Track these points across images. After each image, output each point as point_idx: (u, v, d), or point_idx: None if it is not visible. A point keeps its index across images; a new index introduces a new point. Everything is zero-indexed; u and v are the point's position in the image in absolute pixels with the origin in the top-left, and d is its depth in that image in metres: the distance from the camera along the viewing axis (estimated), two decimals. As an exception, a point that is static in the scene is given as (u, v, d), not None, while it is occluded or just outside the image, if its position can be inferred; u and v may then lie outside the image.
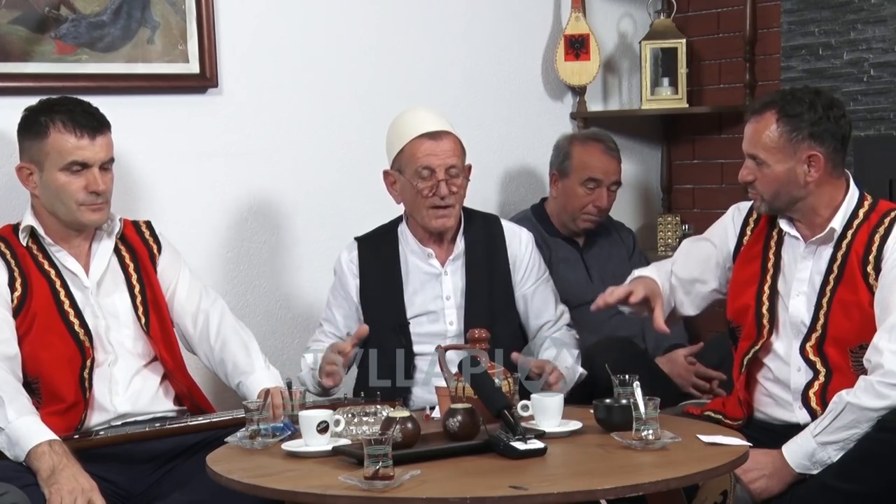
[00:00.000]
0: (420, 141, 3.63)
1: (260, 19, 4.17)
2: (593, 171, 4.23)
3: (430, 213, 3.64)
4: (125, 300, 3.41)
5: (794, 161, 3.25)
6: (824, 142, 3.25)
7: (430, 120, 3.68)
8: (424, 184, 3.62)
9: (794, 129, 3.24)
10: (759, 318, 3.38)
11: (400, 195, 3.72)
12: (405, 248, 3.76)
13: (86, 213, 3.32)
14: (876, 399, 3.08)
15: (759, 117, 3.28)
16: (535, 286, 3.82)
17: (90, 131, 3.30)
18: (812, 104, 3.25)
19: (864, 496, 3.06)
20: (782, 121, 3.24)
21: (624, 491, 2.62)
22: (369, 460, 2.57)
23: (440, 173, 3.62)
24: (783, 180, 3.27)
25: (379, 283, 3.73)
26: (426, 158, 3.62)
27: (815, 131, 3.23)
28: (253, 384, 3.40)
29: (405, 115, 3.74)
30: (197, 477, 3.01)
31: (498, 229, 3.82)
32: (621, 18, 4.90)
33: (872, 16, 4.21)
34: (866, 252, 3.26)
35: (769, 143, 3.26)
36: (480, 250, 3.76)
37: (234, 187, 4.14)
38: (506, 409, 2.85)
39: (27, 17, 3.74)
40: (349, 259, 3.77)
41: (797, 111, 3.24)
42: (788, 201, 3.30)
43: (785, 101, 3.27)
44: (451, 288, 3.73)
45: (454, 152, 3.65)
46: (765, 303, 3.38)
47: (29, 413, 3.13)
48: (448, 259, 3.74)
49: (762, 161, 3.27)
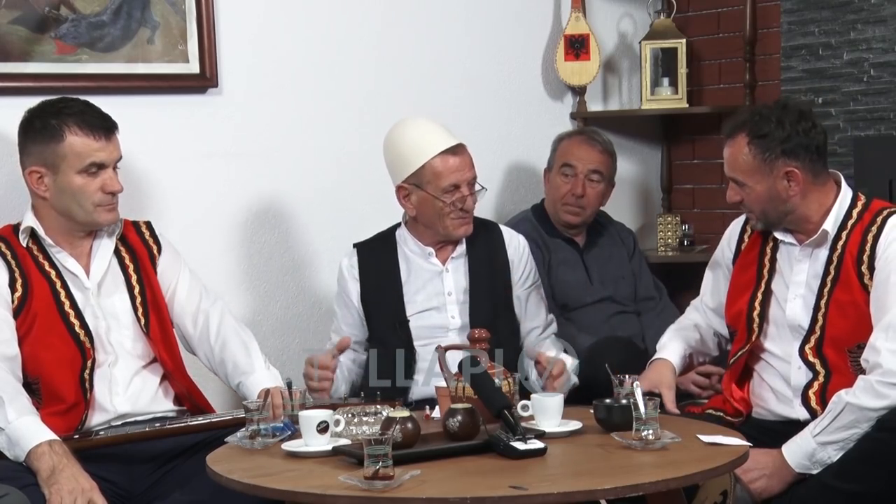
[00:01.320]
0: (444, 158, 3.67)
1: (260, 19, 4.17)
2: (568, 157, 4.27)
3: (454, 223, 3.70)
4: (125, 301, 3.41)
5: (773, 178, 3.27)
6: (798, 156, 3.26)
7: (442, 134, 3.72)
8: (451, 197, 3.67)
9: (766, 150, 3.26)
10: (749, 322, 3.41)
11: (416, 208, 3.73)
12: (405, 249, 3.79)
13: (102, 214, 3.33)
14: (875, 399, 3.08)
15: (732, 141, 3.31)
16: (529, 290, 3.86)
17: (105, 132, 3.31)
18: (779, 121, 3.26)
19: (863, 496, 3.07)
20: (753, 143, 3.27)
21: (624, 491, 2.62)
22: (369, 460, 2.57)
23: (465, 188, 3.69)
24: (767, 198, 3.29)
25: (380, 283, 3.76)
26: (453, 176, 3.67)
27: (786, 148, 3.25)
28: (253, 384, 3.40)
29: (413, 130, 3.74)
30: (197, 477, 3.01)
31: (497, 232, 3.87)
32: (621, 18, 4.90)
33: (872, 16, 4.21)
34: (860, 252, 3.26)
35: (745, 167, 3.29)
36: (481, 250, 3.78)
37: (233, 187, 4.13)
38: (506, 409, 2.85)
39: (27, 17, 3.74)
40: (349, 265, 3.80)
41: (765, 131, 3.25)
42: (779, 215, 3.33)
43: (753, 123, 3.28)
44: (453, 285, 3.75)
45: (472, 164, 3.73)
46: (756, 307, 3.40)
47: (29, 413, 3.12)
48: (449, 257, 3.76)
49: (742, 183, 3.30)
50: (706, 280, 3.68)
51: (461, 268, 3.77)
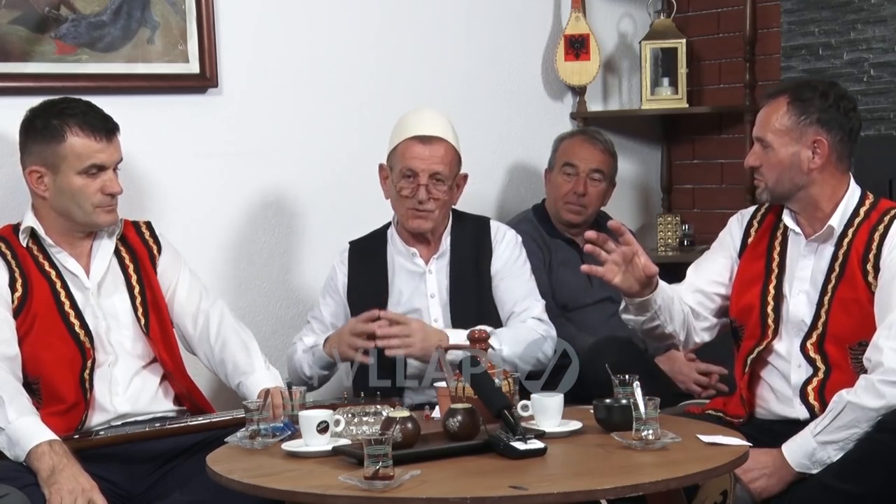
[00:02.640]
0: (411, 142, 3.69)
1: (260, 19, 4.17)
2: (569, 157, 4.27)
3: (407, 213, 3.71)
4: (125, 301, 3.41)
5: (800, 145, 3.28)
6: (831, 129, 3.28)
7: (429, 123, 3.72)
8: (406, 184, 3.68)
9: (803, 113, 3.28)
10: (763, 318, 3.38)
11: (387, 192, 3.79)
12: (392, 250, 3.81)
13: (101, 215, 3.33)
14: (876, 398, 3.08)
15: (773, 101, 3.33)
16: (505, 278, 3.80)
17: (106, 134, 3.31)
18: (824, 93, 3.30)
19: (863, 496, 3.06)
20: (793, 104, 3.29)
21: (624, 491, 2.62)
22: (369, 460, 2.57)
23: (423, 178, 3.67)
24: (787, 165, 3.29)
25: (365, 282, 3.78)
26: (411, 161, 3.68)
27: (823, 118, 3.27)
28: (253, 384, 3.40)
29: (410, 113, 3.80)
30: (197, 477, 3.00)
31: (486, 230, 3.85)
32: (621, 18, 4.90)
33: (872, 16, 4.21)
34: (866, 250, 3.26)
35: (778, 126, 3.29)
36: (466, 249, 3.79)
37: (233, 187, 4.13)
38: (506, 409, 2.85)
39: (27, 18, 3.74)
40: (340, 260, 3.84)
41: (808, 96, 3.29)
42: (791, 188, 3.31)
43: (798, 88, 3.33)
44: (436, 286, 3.76)
45: (443, 160, 3.69)
46: (770, 303, 3.37)
47: (29, 413, 3.12)
48: (432, 257, 3.77)
49: (768, 144, 3.30)
50: (699, 264, 3.58)
51: (444, 268, 3.78)
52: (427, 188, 3.67)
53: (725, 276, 3.51)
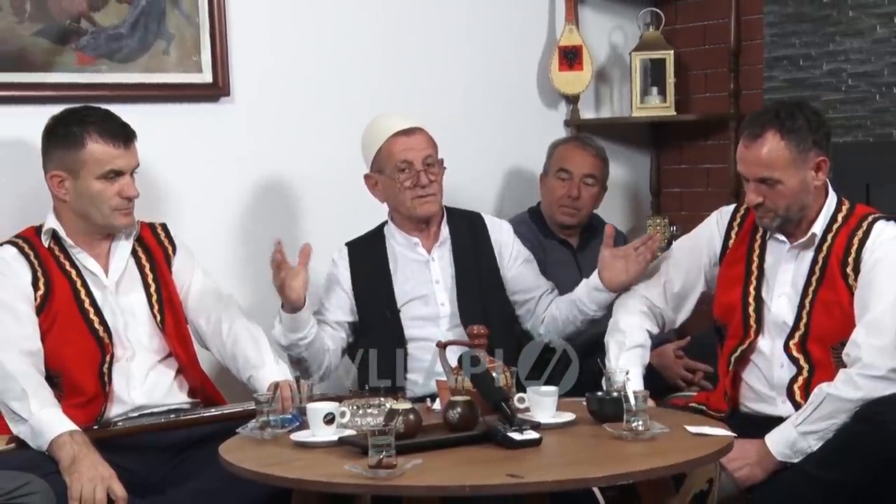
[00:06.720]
0: (395, 139, 3.71)
1: (270, 31, 4.17)
2: (564, 162, 4.28)
3: (414, 202, 3.71)
4: (142, 299, 3.42)
5: (805, 170, 3.23)
6: (822, 147, 3.26)
7: (402, 119, 3.78)
8: (405, 176, 3.69)
9: (800, 142, 3.21)
10: (745, 319, 3.37)
11: (383, 194, 3.78)
12: (392, 243, 3.80)
13: (119, 218, 3.33)
14: (854, 390, 3.09)
15: (761, 139, 3.22)
16: (523, 266, 3.87)
17: (124, 140, 3.32)
18: (805, 116, 3.24)
19: (842, 483, 3.06)
20: (787, 136, 3.21)
21: (615, 479, 2.63)
22: (373, 450, 2.57)
23: (418, 164, 3.69)
24: (798, 191, 3.24)
25: (369, 276, 3.76)
26: (404, 153, 3.70)
27: (815, 139, 3.23)
28: (263, 378, 3.40)
29: (376, 120, 3.82)
30: (210, 466, 3.00)
31: (480, 222, 3.88)
32: (613, 31, 4.90)
33: (850, 28, 4.21)
34: (846, 254, 3.25)
35: (782, 162, 3.21)
36: (465, 235, 3.81)
37: (244, 192, 4.13)
38: (503, 402, 2.86)
39: (49, 30, 3.74)
40: (339, 257, 3.83)
41: (798, 124, 3.21)
42: (799, 209, 3.28)
43: (781, 119, 3.22)
44: (440, 272, 3.76)
45: (428, 144, 3.74)
46: (751, 304, 3.37)
47: (51, 405, 3.13)
48: (434, 246, 3.77)
49: (776, 181, 3.22)
50: (673, 261, 3.56)
51: (447, 255, 3.78)
52: (425, 173, 3.69)
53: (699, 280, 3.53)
